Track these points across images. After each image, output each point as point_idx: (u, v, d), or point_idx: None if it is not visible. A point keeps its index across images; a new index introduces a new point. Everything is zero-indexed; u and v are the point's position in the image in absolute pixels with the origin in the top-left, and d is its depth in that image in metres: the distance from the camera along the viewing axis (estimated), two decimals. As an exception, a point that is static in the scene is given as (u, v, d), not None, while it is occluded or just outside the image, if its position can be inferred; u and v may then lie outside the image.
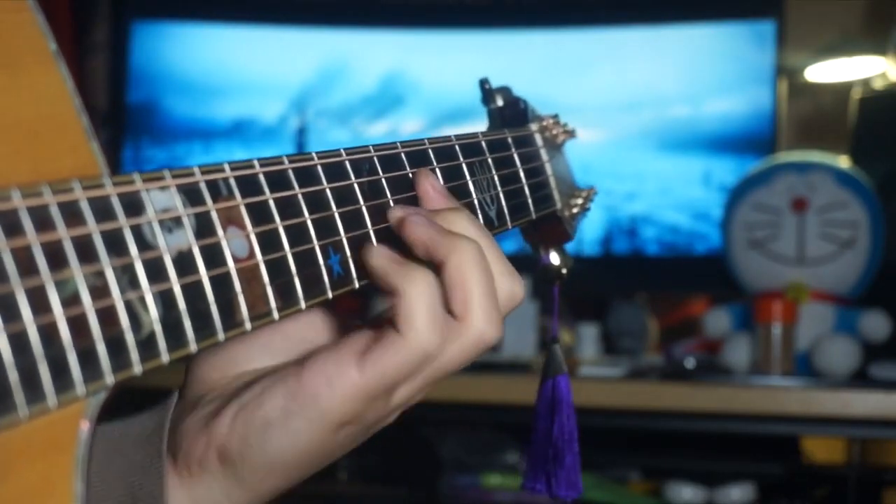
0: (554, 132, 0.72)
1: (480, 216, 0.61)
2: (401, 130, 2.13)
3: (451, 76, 2.10)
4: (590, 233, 2.04)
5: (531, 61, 2.08)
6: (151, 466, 0.51)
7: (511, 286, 0.55)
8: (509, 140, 0.67)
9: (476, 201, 0.61)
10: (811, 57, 2.03)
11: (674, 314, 2.16)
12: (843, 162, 1.85)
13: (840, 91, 2.07)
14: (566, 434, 0.66)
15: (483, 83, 0.71)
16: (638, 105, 2.04)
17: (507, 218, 0.64)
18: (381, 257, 0.50)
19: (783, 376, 1.63)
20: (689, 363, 1.77)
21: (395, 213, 0.53)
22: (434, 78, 2.11)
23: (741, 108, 2.00)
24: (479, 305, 0.51)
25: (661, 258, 2.04)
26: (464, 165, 0.61)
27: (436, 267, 0.51)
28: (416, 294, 0.49)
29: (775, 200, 1.78)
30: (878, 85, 1.96)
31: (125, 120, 2.21)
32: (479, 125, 0.73)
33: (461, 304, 0.51)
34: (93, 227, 0.38)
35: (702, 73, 2.03)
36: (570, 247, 0.75)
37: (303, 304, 0.48)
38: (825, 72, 2.04)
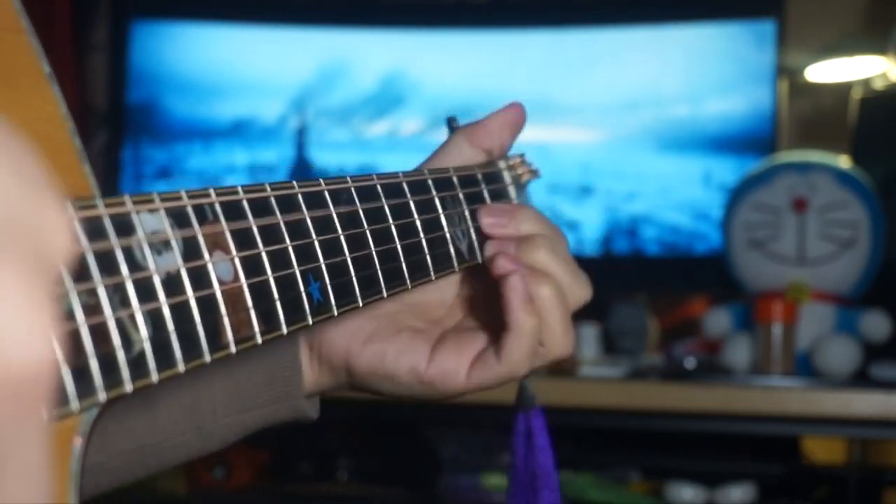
0: (519, 171, 0.73)
1: (452, 249, 0.64)
2: (401, 130, 2.14)
3: (451, 76, 2.10)
4: (590, 233, 2.04)
5: (531, 61, 2.08)
6: (288, 350, 0.66)
7: (582, 292, 0.65)
8: (479, 176, 0.69)
9: (448, 234, 0.63)
10: (811, 57, 2.03)
11: (674, 314, 2.16)
12: (844, 162, 1.85)
13: (840, 91, 2.07)
14: (546, 469, 0.70)
15: (450, 121, 0.73)
16: (638, 105, 2.04)
17: (478, 252, 0.66)
18: (517, 292, 0.61)
19: (783, 376, 1.63)
20: (690, 363, 1.78)
21: (494, 258, 0.63)
22: (434, 78, 2.11)
23: (741, 108, 2.00)
24: (556, 334, 0.63)
25: (661, 258, 2.04)
26: (436, 199, 0.63)
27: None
28: (524, 337, 0.61)
29: (775, 200, 1.78)
30: (878, 85, 1.96)
31: (125, 120, 2.21)
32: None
33: (544, 335, 0.63)
34: (86, 247, 0.39)
35: (702, 73, 2.03)
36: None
37: (284, 329, 0.49)
38: (825, 72, 2.04)
